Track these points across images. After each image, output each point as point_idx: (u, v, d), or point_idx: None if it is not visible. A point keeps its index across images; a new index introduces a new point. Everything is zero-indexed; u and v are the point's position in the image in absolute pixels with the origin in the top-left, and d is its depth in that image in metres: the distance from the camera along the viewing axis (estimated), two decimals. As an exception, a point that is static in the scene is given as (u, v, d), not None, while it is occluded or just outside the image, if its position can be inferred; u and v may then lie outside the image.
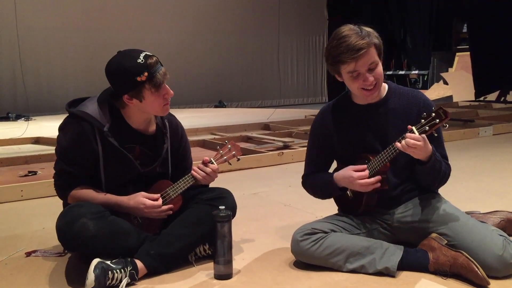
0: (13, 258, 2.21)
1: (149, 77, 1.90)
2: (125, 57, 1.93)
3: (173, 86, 2.00)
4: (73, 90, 9.31)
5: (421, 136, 1.78)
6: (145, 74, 1.89)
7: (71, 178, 2.01)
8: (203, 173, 2.09)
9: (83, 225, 1.83)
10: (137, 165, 2.05)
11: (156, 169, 2.11)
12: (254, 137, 5.79)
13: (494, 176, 3.67)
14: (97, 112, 1.98)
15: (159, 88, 1.94)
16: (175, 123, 2.22)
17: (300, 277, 1.93)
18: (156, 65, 1.93)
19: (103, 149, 1.99)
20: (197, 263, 2.08)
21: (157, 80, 1.92)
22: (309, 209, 2.77)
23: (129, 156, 2.02)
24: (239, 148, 2.21)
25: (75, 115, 1.98)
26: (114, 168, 2.02)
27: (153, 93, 1.93)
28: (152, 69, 1.90)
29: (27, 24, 8.92)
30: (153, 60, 1.92)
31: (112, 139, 1.98)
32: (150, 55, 1.94)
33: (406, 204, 2.04)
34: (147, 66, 1.89)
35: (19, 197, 3.30)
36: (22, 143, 5.81)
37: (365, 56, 1.85)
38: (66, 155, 2.00)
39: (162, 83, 1.94)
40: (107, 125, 1.97)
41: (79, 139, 1.96)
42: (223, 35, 11.49)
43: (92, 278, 1.76)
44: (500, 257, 1.78)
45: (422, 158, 1.85)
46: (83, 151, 1.97)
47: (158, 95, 1.95)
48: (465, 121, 6.54)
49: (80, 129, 1.96)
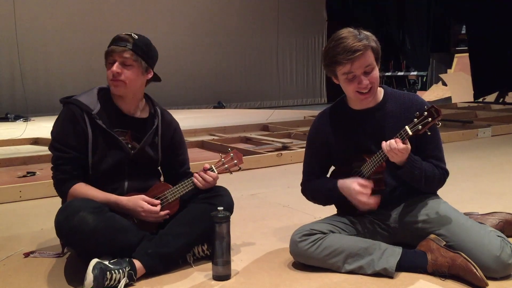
0: (12, 259, 2.21)
1: (107, 48, 2.03)
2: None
3: (172, 87, 2.03)
4: (72, 90, 9.15)
5: (396, 148, 1.80)
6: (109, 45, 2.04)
7: (68, 167, 2.02)
8: (203, 181, 2.09)
9: (82, 219, 1.84)
10: (127, 147, 2.08)
11: (145, 150, 2.13)
12: (253, 138, 5.79)
13: (493, 177, 3.68)
14: (87, 99, 2.07)
15: (106, 61, 2.05)
16: (169, 117, 2.26)
17: (299, 278, 1.93)
18: (116, 41, 2.02)
19: (92, 132, 2.03)
20: (196, 264, 2.08)
21: (107, 52, 2.04)
22: (308, 210, 2.77)
23: (119, 138, 2.06)
24: (241, 157, 2.19)
25: (66, 103, 2.07)
26: (103, 151, 2.04)
27: (105, 61, 2.06)
28: (111, 42, 2.04)
29: (26, 25, 8.91)
30: (119, 37, 2.03)
31: (100, 122, 2.03)
32: (127, 35, 2.04)
33: (404, 205, 2.05)
34: (113, 39, 2.04)
35: (18, 197, 3.30)
36: (20, 143, 5.81)
37: (361, 58, 1.86)
38: (59, 140, 2.04)
39: (110, 56, 2.02)
40: (96, 109, 2.04)
41: (69, 120, 2.03)
42: (222, 36, 11.50)
43: (91, 278, 1.76)
44: (498, 258, 1.78)
45: (396, 162, 1.87)
46: (74, 132, 2.02)
47: (108, 69, 2.04)
48: (464, 122, 6.55)
49: (70, 112, 2.04)
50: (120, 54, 2.01)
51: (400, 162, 1.87)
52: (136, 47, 2.03)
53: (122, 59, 2.01)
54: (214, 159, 4.33)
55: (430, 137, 1.89)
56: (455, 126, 6.42)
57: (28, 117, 8.49)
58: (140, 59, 2.04)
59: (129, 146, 2.10)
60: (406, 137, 1.81)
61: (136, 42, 2.03)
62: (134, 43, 2.02)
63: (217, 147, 5.17)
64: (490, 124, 6.22)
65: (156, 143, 2.17)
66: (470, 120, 6.72)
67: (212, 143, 5.34)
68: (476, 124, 6.38)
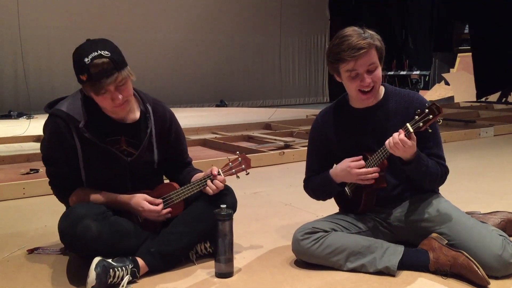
0: (15, 256, 2.22)
1: (88, 79, 1.82)
2: (80, 50, 1.87)
3: (174, 86, 2.00)
4: (75, 88, 9.20)
5: (403, 138, 1.79)
6: (85, 75, 1.82)
7: (63, 180, 2.01)
8: (214, 187, 2.03)
9: (86, 227, 1.84)
10: (123, 156, 2.02)
11: (142, 157, 2.06)
12: (255, 137, 5.79)
13: (495, 177, 3.68)
14: (72, 109, 1.93)
15: (98, 94, 1.85)
16: (162, 108, 2.14)
17: (301, 276, 1.93)
18: (101, 73, 1.80)
19: (81, 146, 1.95)
20: (198, 261, 2.08)
21: (96, 87, 1.82)
22: (310, 209, 2.77)
23: (112, 149, 1.98)
24: (249, 162, 2.13)
25: (50, 114, 1.96)
26: (97, 164, 1.99)
27: (95, 96, 1.88)
28: (93, 74, 1.80)
29: (29, 22, 8.93)
30: (99, 67, 1.80)
31: (89, 135, 1.93)
32: (101, 58, 1.81)
33: (406, 203, 2.06)
34: (88, 68, 1.80)
35: (21, 194, 3.31)
36: (24, 141, 5.83)
37: (365, 56, 1.87)
38: (50, 157, 2.00)
39: (103, 89, 1.83)
40: (82, 121, 1.92)
41: (56, 137, 1.94)
42: (224, 34, 11.49)
43: (93, 276, 1.77)
44: (499, 257, 1.78)
45: (403, 158, 1.87)
46: (64, 149, 1.95)
47: (103, 98, 1.87)
48: (466, 121, 6.54)
49: (56, 127, 1.93)
50: (113, 83, 1.84)
51: (407, 157, 1.87)
52: (117, 64, 1.84)
53: (115, 84, 1.85)
54: (216, 157, 4.35)
55: (430, 135, 1.89)
56: (457, 125, 6.41)
57: (31, 114, 8.51)
58: (125, 71, 1.88)
59: (125, 153, 2.03)
60: (408, 134, 1.82)
61: (113, 58, 1.83)
62: (113, 61, 1.83)
63: (220, 146, 5.18)
64: (492, 124, 6.22)
65: (152, 143, 2.09)
66: (473, 120, 6.71)
67: (214, 141, 5.35)
68: (478, 124, 6.37)
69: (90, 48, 1.84)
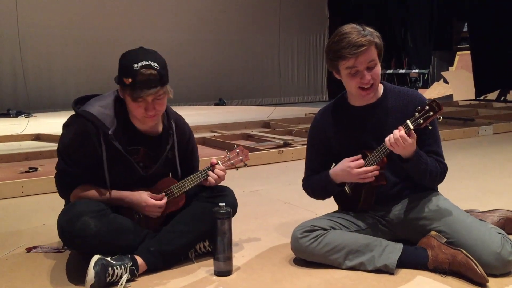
0: (14, 254, 2.22)
1: (131, 84, 1.86)
2: (131, 55, 1.91)
3: (173, 84, 1.98)
4: (74, 87, 9.33)
5: (403, 135, 1.79)
6: (129, 80, 1.85)
7: (72, 179, 2.01)
8: (215, 176, 2.07)
9: (85, 224, 1.84)
10: (139, 168, 2.04)
11: (159, 171, 2.10)
12: (254, 135, 5.79)
13: (494, 175, 3.68)
14: (103, 113, 1.95)
15: (135, 101, 1.89)
16: (182, 124, 2.19)
17: (300, 274, 1.94)
18: (146, 82, 1.84)
19: (107, 153, 1.96)
20: (197, 259, 2.08)
21: (136, 94, 1.86)
22: (309, 207, 2.78)
23: (132, 160, 2.00)
24: (247, 153, 2.19)
25: (80, 115, 1.96)
26: (117, 171, 2.01)
27: (130, 101, 1.91)
28: (137, 80, 1.84)
29: (28, 21, 8.91)
30: (146, 75, 1.84)
31: (117, 143, 1.95)
32: (150, 69, 1.85)
33: (405, 201, 2.06)
34: (135, 74, 1.84)
35: (20, 193, 3.31)
36: (22, 139, 5.82)
37: (365, 53, 1.87)
38: (68, 154, 1.99)
39: (140, 97, 1.87)
40: (112, 128, 1.94)
41: (82, 138, 1.94)
42: (224, 33, 11.49)
43: (92, 274, 1.76)
44: (498, 255, 1.78)
45: (402, 155, 1.87)
46: (85, 151, 1.96)
47: (137, 106, 1.91)
48: (465, 120, 6.55)
49: (84, 128, 1.94)
50: (154, 95, 1.88)
51: (407, 155, 1.87)
52: (162, 78, 1.89)
53: (154, 97, 1.90)
54: (215, 155, 4.33)
55: (430, 132, 1.90)
56: (456, 124, 6.41)
57: (29, 113, 8.51)
58: (167, 87, 1.93)
59: (141, 165, 2.05)
60: (408, 131, 1.82)
61: (161, 73, 1.88)
62: (160, 75, 1.87)
63: (219, 144, 5.18)
64: (491, 122, 6.23)
65: (170, 158, 2.12)
66: (472, 118, 6.71)
67: (213, 139, 5.35)
68: (477, 122, 6.38)
69: (143, 56, 1.89)
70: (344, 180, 2.02)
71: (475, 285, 1.76)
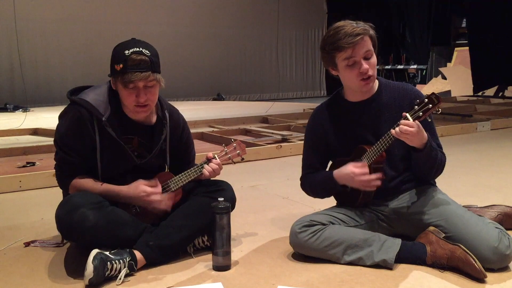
0: (12, 248, 2.22)
1: (122, 70, 1.87)
2: (123, 44, 1.94)
3: (171, 79, 1.99)
4: (71, 81, 9.28)
5: (414, 122, 1.80)
6: (120, 65, 1.88)
7: (71, 168, 2.01)
8: (210, 169, 2.08)
9: (83, 215, 1.84)
10: (134, 156, 2.04)
11: (152, 161, 2.10)
12: (252, 130, 5.79)
13: (492, 171, 3.69)
14: (97, 100, 1.97)
15: (126, 87, 1.90)
16: (176, 115, 2.20)
17: (298, 269, 1.94)
18: (136, 66, 1.86)
19: (100, 139, 1.98)
20: (196, 254, 2.09)
21: (126, 78, 1.87)
22: (307, 202, 2.78)
23: (126, 147, 2.01)
24: (244, 147, 2.20)
25: (75, 102, 1.98)
26: (110, 159, 2.02)
27: (122, 88, 1.92)
28: (128, 65, 1.86)
29: (25, 15, 8.89)
30: (137, 60, 1.87)
31: (110, 129, 1.97)
32: (140, 54, 1.88)
33: (403, 195, 2.06)
34: (126, 59, 1.87)
35: (18, 187, 3.30)
36: (20, 134, 5.82)
37: (361, 42, 1.89)
38: (64, 142, 2.00)
39: (131, 83, 1.88)
40: (106, 114, 1.96)
41: (78, 125, 1.96)
42: (222, 28, 11.47)
43: (91, 269, 1.76)
44: (495, 249, 1.79)
45: (416, 145, 1.87)
46: (81, 137, 1.97)
47: (128, 93, 1.92)
48: (463, 116, 6.55)
49: (79, 115, 1.95)
50: (144, 80, 1.89)
51: (420, 144, 1.86)
52: (154, 65, 1.91)
53: (145, 83, 1.91)
54: (213, 150, 4.33)
55: (428, 125, 1.90)
56: (454, 119, 6.42)
57: (27, 107, 8.49)
58: (158, 75, 1.94)
59: (135, 154, 2.06)
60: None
61: (152, 59, 1.90)
62: (151, 62, 1.90)
63: (217, 139, 5.18)
64: (489, 118, 6.23)
65: (164, 149, 2.13)
66: (470, 114, 6.72)
67: (211, 135, 5.35)
68: (475, 118, 6.38)
69: (134, 44, 1.92)
70: (346, 184, 2.03)
71: (474, 280, 1.77)
